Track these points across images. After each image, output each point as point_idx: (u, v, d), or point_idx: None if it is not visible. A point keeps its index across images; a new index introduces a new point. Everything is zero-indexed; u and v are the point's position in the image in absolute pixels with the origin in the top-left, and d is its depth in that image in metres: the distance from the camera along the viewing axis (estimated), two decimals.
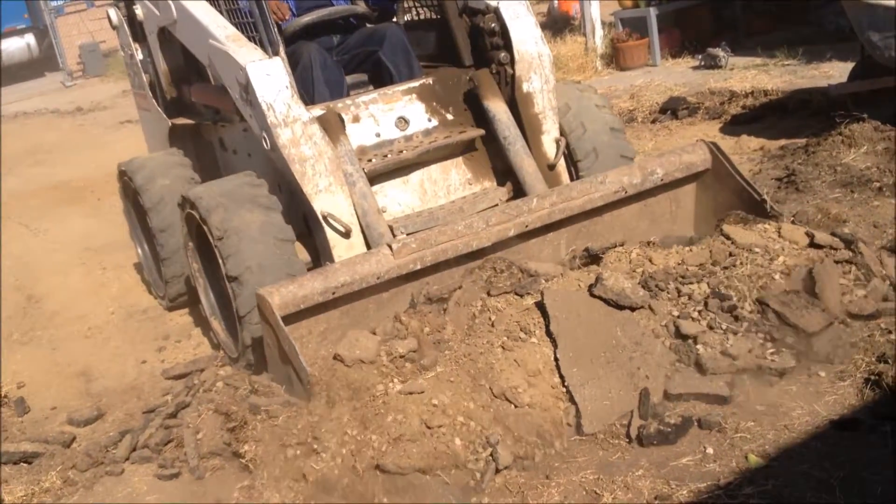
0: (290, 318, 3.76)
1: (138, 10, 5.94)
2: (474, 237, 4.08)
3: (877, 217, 4.84)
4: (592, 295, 3.79)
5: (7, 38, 24.95)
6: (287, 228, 4.37)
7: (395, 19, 5.64)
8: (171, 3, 5.19)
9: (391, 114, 4.77)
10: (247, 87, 4.27)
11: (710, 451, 3.26)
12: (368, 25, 5.49)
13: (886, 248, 4.42)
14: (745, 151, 7.17)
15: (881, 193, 5.26)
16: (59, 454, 4.11)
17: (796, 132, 7.19)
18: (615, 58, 11.36)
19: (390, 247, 3.94)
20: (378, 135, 4.72)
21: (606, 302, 3.76)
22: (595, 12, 11.90)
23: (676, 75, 10.04)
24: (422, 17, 5.78)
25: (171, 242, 5.27)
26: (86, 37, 23.63)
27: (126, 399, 4.71)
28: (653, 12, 10.89)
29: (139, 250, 6.26)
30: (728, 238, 4.19)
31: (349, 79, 5.17)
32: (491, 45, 4.90)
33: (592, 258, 4.25)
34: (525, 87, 4.81)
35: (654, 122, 8.66)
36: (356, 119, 4.70)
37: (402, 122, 4.78)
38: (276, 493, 3.35)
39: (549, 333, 3.67)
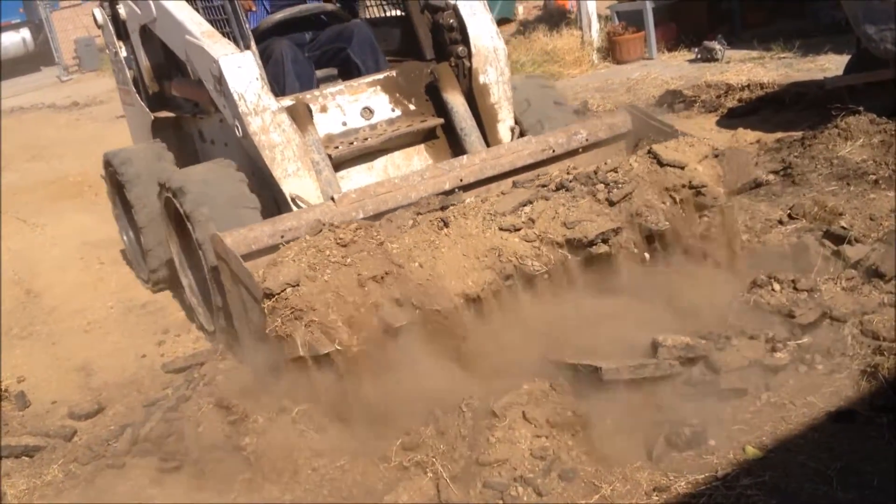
0: (243, 259, 3.94)
1: (121, 9, 6.19)
2: (412, 189, 4.37)
3: (873, 209, 4.86)
4: None
5: (2, 32, 24.90)
6: (253, 198, 4.68)
7: (360, 15, 6.01)
8: (150, 1, 5.42)
9: (356, 104, 5.07)
10: (220, 79, 4.54)
11: (709, 442, 3.29)
12: (338, 23, 5.76)
13: (883, 240, 4.45)
14: (742, 144, 7.18)
15: (877, 186, 5.28)
16: (60, 448, 4.14)
17: (793, 125, 7.21)
18: (611, 51, 11.37)
19: (333, 199, 4.26)
20: (344, 123, 5.02)
21: None
22: (591, 6, 11.90)
23: (673, 69, 10.05)
24: (386, 13, 6.14)
25: (150, 225, 5.60)
26: (81, 31, 23.59)
27: (126, 393, 4.73)
28: (649, 5, 10.89)
29: (124, 237, 6.61)
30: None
31: (320, 73, 5.45)
32: (450, 39, 5.20)
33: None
34: (482, 78, 5.08)
35: None
36: (324, 109, 4.98)
37: (367, 111, 5.08)
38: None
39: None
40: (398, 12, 5.87)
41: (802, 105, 7.65)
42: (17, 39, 25.34)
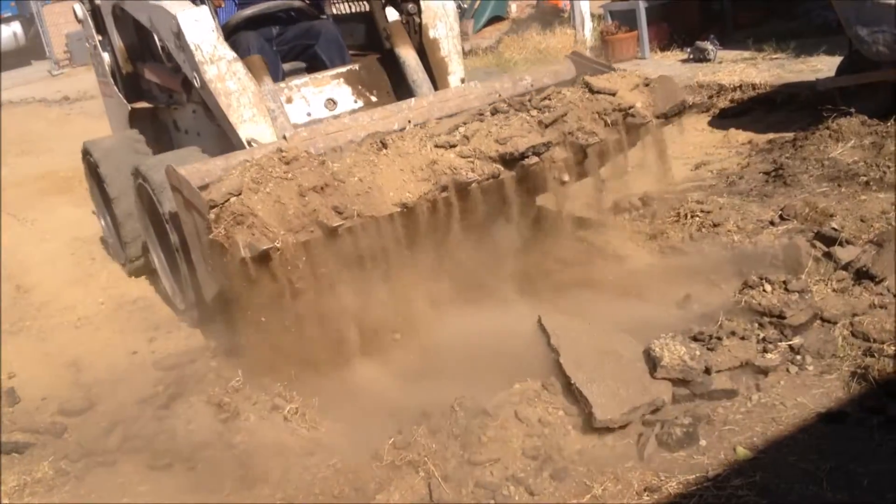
0: None
1: None
2: (361, 128, 4.55)
3: (864, 211, 4.88)
4: None
5: None
6: None
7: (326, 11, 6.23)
8: None
9: (321, 95, 5.27)
10: (178, 34, 4.74)
11: (700, 442, 3.30)
12: (305, 20, 5.93)
13: (873, 241, 4.47)
14: (734, 145, 7.21)
15: (868, 188, 5.31)
16: (50, 444, 4.13)
17: (784, 126, 7.23)
18: (604, 51, 11.36)
19: (285, 137, 4.49)
20: (309, 114, 5.19)
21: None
22: (584, 5, 11.91)
23: (665, 68, 10.03)
24: (351, 10, 6.36)
25: (128, 214, 5.80)
26: (73, 26, 23.23)
27: (117, 389, 4.70)
28: (642, 5, 10.89)
29: (102, 222, 6.84)
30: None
31: (288, 66, 5.64)
32: None
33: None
34: (431, 33, 5.35)
35: None
36: (290, 100, 5.14)
37: (331, 103, 5.27)
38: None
39: (549, 346, 3.76)
40: (363, 8, 6.10)
41: (794, 106, 7.68)
42: (8, 33, 25.19)
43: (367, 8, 5.92)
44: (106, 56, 6.66)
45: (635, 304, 4.57)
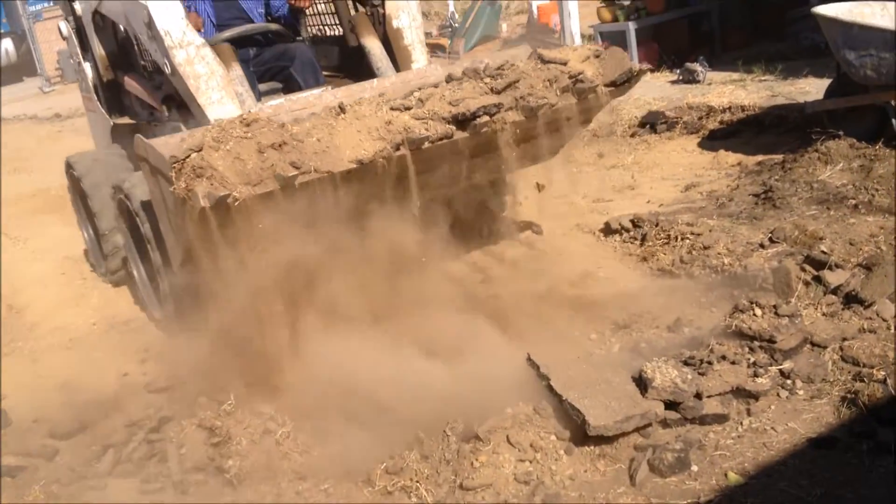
0: None
1: (77, 6, 6.70)
2: (324, 105, 4.63)
3: (853, 234, 4.90)
4: None
5: None
6: None
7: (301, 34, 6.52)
8: None
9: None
10: (150, 24, 4.89)
11: (692, 468, 3.31)
12: (282, 42, 6.12)
13: (862, 265, 4.50)
14: (723, 166, 7.25)
15: (857, 211, 5.34)
16: (42, 468, 4.10)
17: (773, 148, 7.29)
18: None
19: (250, 112, 4.49)
20: None
21: None
22: (575, 26, 11.96)
23: (655, 89, 10.11)
24: (326, 33, 6.67)
25: (110, 227, 6.00)
26: (64, 43, 23.45)
27: (108, 412, 4.67)
28: (632, 26, 10.98)
29: (85, 234, 7.04)
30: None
31: (264, 86, 5.80)
32: None
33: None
34: (395, 23, 5.57)
35: (633, 135, 8.74)
36: None
37: None
38: None
39: (540, 375, 3.76)
40: (337, 32, 6.38)
41: (783, 128, 7.74)
42: None
43: (341, 32, 6.21)
44: (89, 71, 6.84)
45: (626, 327, 4.61)
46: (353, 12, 6.01)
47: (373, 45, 5.59)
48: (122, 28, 6.17)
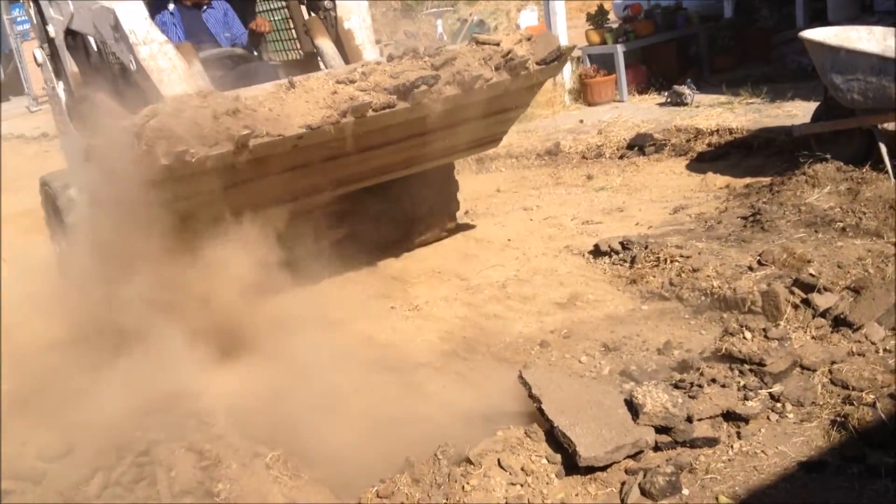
0: None
1: (50, 29, 6.90)
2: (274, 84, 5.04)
3: (841, 257, 4.93)
4: None
5: None
6: None
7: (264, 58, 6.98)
8: (69, 1, 6.17)
9: None
10: (116, 26, 5.16)
11: (682, 491, 3.31)
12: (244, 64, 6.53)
13: (850, 288, 4.52)
14: (712, 189, 7.29)
15: (844, 234, 5.37)
16: (30, 491, 4.07)
17: (761, 171, 7.34)
18: (583, 93, 11.49)
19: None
20: None
21: None
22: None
23: (643, 111, 10.18)
24: (288, 57, 7.14)
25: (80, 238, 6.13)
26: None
27: (96, 434, 4.65)
28: (620, 49, 11.05)
29: (57, 248, 7.35)
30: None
31: None
32: None
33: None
34: (346, 24, 5.94)
35: (621, 157, 8.78)
36: None
37: None
38: None
39: (531, 396, 3.76)
40: (299, 56, 6.84)
41: (771, 151, 7.79)
42: None
43: (302, 56, 6.71)
44: (62, 95, 7.10)
45: (616, 350, 4.62)
46: (306, 17, 6.41)
47: (325, 45, 5.92)
48: (92, 44, 6.56)
